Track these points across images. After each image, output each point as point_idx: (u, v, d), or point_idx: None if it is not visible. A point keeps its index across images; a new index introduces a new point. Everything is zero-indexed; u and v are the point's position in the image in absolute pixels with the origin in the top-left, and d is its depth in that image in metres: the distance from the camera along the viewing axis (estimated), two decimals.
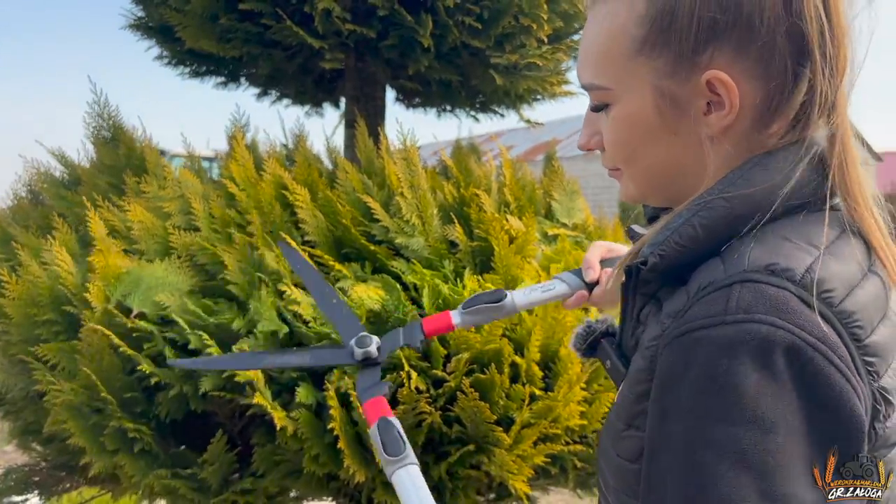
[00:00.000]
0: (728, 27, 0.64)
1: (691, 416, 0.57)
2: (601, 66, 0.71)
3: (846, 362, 0.58)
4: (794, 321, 0.57)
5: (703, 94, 0.67)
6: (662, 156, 0.72)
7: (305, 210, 1.71)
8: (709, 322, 0.58)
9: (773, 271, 0.60)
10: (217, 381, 1.50)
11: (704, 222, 0.65)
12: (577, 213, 2.15)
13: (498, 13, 2.02)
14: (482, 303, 1.03)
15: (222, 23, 1.98)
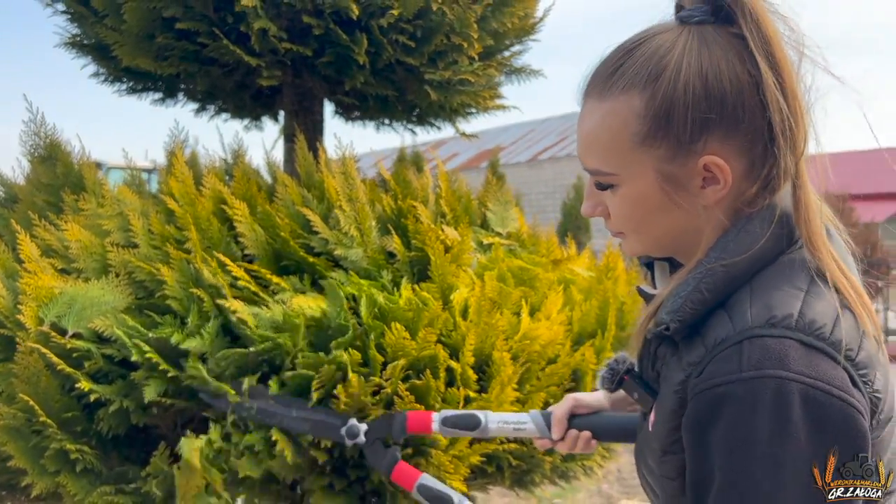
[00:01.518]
0: (718, 118, 0.80)
1: (725, 463, 0.75)
2: (606, 156, 0.85)
3: (843, 385, 0.74)
4: (797, 368, 0.73)
5: (700, 173, 0.82)
6: (665, 224, 0.88)
7: (244, 224, 1.75)
8: (727, 380, 0.75)
9: (773, 324, 0.76)
10: (160, 386, 1.53)
11: (710, 287, 0.82)
12: (512, 222, 2.24)
13: (430, 32, 2.10)
14: (458, 426, 1.25)
15: (159, 41, 2.01)
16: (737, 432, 0.73)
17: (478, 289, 1.77)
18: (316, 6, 1.96)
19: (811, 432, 0.72)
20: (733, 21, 0.81)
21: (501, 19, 2.22)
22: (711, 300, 0.81)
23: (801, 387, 0.72)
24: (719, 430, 0.74)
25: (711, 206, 0.84)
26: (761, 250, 0.81)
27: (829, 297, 0.78)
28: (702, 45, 0.81)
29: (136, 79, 2.33)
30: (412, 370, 1.59)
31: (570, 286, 2.00)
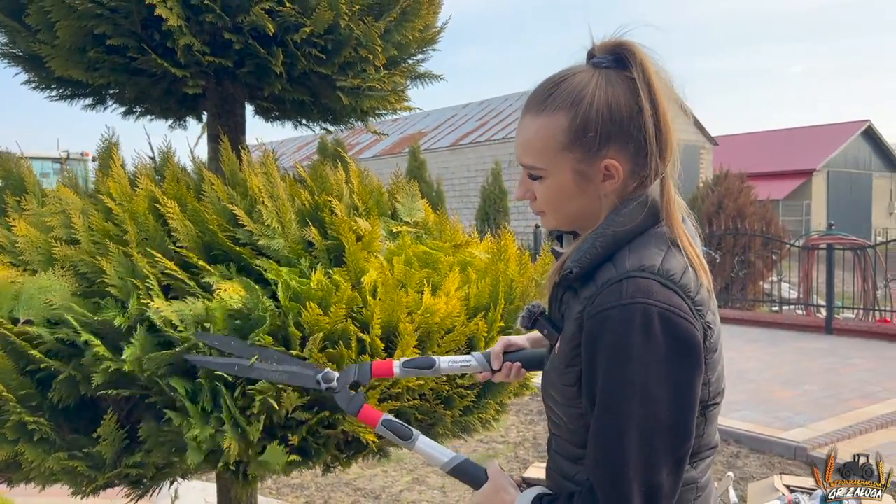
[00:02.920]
0: (616, 134, 1.19)
1: (609, 364, 1.10)
2: (539, 156, 1.22)
3: (687, 312, 1.12)
4: (658, 298, 1.11)
5: (601, 171, 1.21)
6: (575, 206, 1.25)
7: (177, 220, 1.98)
8: (611, 305, 1.11)
9: (642, 269, 1.13)
10: (105, 378, 1.75)
11: (602, 245, 1.19)
12: (418, 212, 2.53)
13: (339, 45, 2.36)
14: (417, 367, 1.55)
15: (90, 55, 2.20)
16: (617, 340, 1.10)
17: (385, 272, 2.05)
18: (235, 24, 2.20)
19: (665, 338, 1.10)
20: (627, 67, 1.19)
21: (404, 32, 2.50)
22: (602, 255, 1.18)
23: (659, 310, 1.10)
24: (605, 340, 1.11)
25: (608, 194, 1.22)
26: (636, 224, 1.19)
27: (679, 258, 1.17)
28: (608, 84, 1.19)
29: (67, 86, 2.51)
30: (328, 342, 1.87)
31: (468, 267, 2.31)
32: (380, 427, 1.40)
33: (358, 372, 1.53)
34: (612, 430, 1.11)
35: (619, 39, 1.20)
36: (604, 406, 1.12)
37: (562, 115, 1.19)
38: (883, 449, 5.62)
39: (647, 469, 1.10)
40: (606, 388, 1.11)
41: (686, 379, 1.12)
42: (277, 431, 1.86)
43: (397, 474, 5.60)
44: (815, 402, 6.82)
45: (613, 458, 1.10)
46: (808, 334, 10.35)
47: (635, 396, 1.09)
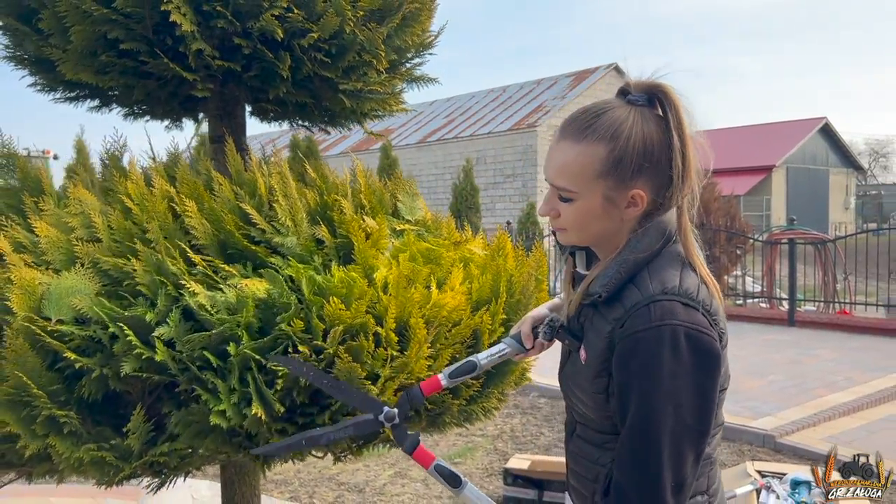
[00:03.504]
0: (647, 168, 1.32)
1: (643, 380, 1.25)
2: (573, 180, 1.34)
3: (707, 327, 1.27)
4: (682, 318, 1.26)
5: (628, 199, 1.34)
6: (598, 228, 1.38)
7: (195, 219, 2.05)
8: (642, 328, 1.26)
9: (665, 291, 1.28)
10: (135, 362, 1.82)
11: (625, 270, 1.33)
12: (418, 210, 2.63)
13: (344, 49, 2.45)
14: (462, 374, 1.66)
15: (102, 59, 2.26)
16: (649, 359, 1.25)
17: (395, 268, 2.15)
18: (245, 29, 2.27)
19: (691, 353, 1.25)
20: (659, 105, 1.34)
21: (403, 37, 2.60)
22: (625, 279, 1.33)
23: (685, 329, 1.25)
24: (637, 360, 1.26)
25: (629, 220, 1.36)
26: (652, 248, 1.34)
27: (692, 276, 1.33)
28: (643, 121, 1.33)
29: (74, 89, 2.55)
30: (347, 335, 1.96)
31: (469, 263, 2.42)
32: (431, 470, 1.51)
33: (410, 399, 1.63)
34: (646, 437, 1.25)
35: (656, 81, 1.35)
36: (639, 416, 1.26)
37: (601, 146, 1.32)
38: (846, 435, 5.88)
39: (677, 468, 1.25)
40: (641, 401, 1.25)
41: (709, 386, 1.28)
42: (298, 419, 1.94)
43: (379, 468, 5.69)
44: (781, 391, 7.07)
45: (649, 462, 1.24)
46: (772, 326, 10.67)
47: (667, 407, 1.24)
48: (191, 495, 4.69)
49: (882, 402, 6.76)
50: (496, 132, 24.40)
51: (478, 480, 5.30)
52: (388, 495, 5.12)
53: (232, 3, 2.20)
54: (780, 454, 5.67)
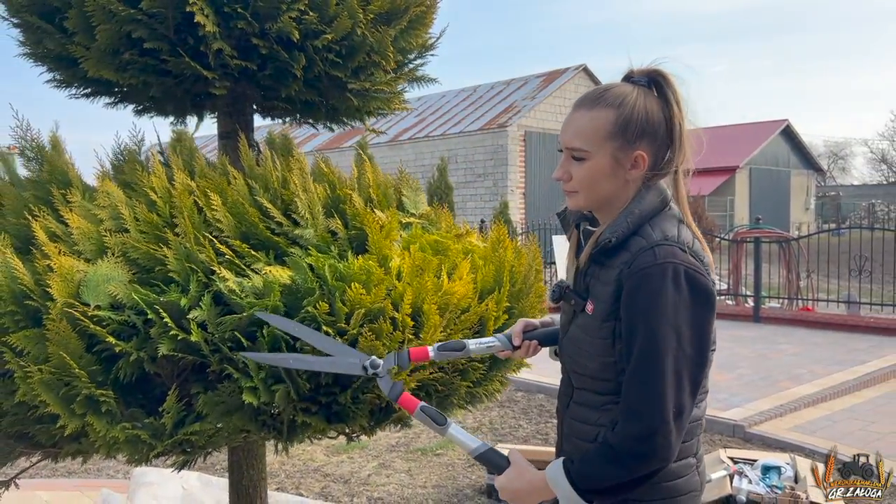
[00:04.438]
0: (648, 133, 1.53)
1: (649, 309, 1.42)
2: (587, 141, 1.54)
3: (702, 270, 1.46)
4: (681, 259, 1.44)
5: (632, 160, 1.54)
6: (605, 188, 1.57)
7: (220, 212, 2.16)
8: (648, 264, 1.44)
9: (666, 238, 1.47)
10: (171, 344, 1.93)
11: (632, 221, 1.51)
12: (422, 205, 2.77)
13: (353, 50, 2.57)
14: (449, 350, 1.79)
15: (124, 57, 2.35)
16: (655, 290, 1.42)
17: (408, 258, 2.28)
18: (263, 30, 2.38)
19: (690, 289, 1.42)
20: (658, 87, 1.55)
21: (409, 39, 2.73)
22: (631, 229, 1.51)
23: (685, 268, 1.44)
24: (644, 292, 1.44)
25: (632, 180, 1.55)
26: (654, 206, 1.53)
27: (688, 231, 1.54)
28: (645, 97, 1.55)
29: (92, 85, 2.63)
30: (367, 317, 2.08)
31: (473, 254, 2.56)
32: (418, 412, 1.63)
33: (398, 359, 1.76)
34: (652, 359, 1.41)
35: (656, 67, 1.57)
36: (646, 341, 1.42)
37: (611, 111, 1.53)
38: (811, 424, 6.15)
39: (677, 390, 1.41)
40: (648, 328, 1.41)
41: (704, 320, 1.45)
42: (322, 398, 2.06)
43: (363, 460, 5.80)
44: (749, 384, 7.34)
45: (654, 381, 1.40)
46: (738, 322, 11.00)
47: (671, 333, 1.40)
48: (181, 486, 4.75)
49: (844, 394, 7.06)
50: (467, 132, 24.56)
51: (461, 470, 5.45)
52: (373, 485, 5.24)
53: (252, 5, 2.31)
54: (750, 443, 5.91)
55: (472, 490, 5.05)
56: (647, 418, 1.40)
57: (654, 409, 1.39)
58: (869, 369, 7.77)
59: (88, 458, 2.21)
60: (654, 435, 1.39)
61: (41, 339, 1.90)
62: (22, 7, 2.38)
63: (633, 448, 1.42)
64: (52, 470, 5.51)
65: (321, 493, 5.12)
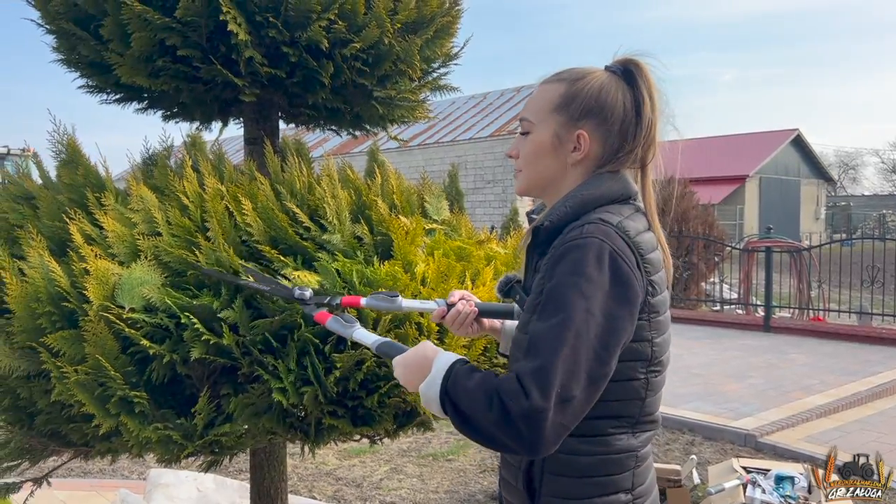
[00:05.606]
0: (595, 113, 1.44)
1: (565, 276, 1.28)
2: (534, 112, 1.47)
3: (631, 262, 1.31)
4: (610, 240, 1.30)
5: (573, 140, 1.45)
6: (545, 166, 1.48)
7: (251, 216, 2.20)
8: (574, 237, 1.31)
9: (602, 220, 1.33)
10: (203, 348, 1.97)
11: (571, 205, 1.39)
12: (444, 211, 2.80)
13: (380, 59, 2.61)
14: (380, 301, 1.75)
15: (157, 64, 2.40)
16: (577, 260, 1.28)
17: (432, 264, 2.32)
18: (293, 38, 2.43)
19: (611, 274, 1.27)
20: (629, 75, 1.47)
21: (434, 48, 2.77)
22: (571, 214, 1.38)
23: (609, 248, 1.29)
24: (567, 258, 1.29)
25: (574, 164, 1.45)
26: (604, 192, 1.40)
27: (642, 225, 1.40)
28: (609, 79, 1.47)
29: (124, 91, 2.68)
30: (394, 322, 2.12)
31: (495, 261, 2.60)
32: (329, 323, 1.64)
33: (329, 298, 1.75)
34: (554, 325, 1.24)
35: (631, 57, 1.49)
36: (553, 303, 1.26)
37: (562, 85, 1.46)
38: (823, 435, 6.14)
39: (568, 373, 1.20)
40: (559, 290, 1.27)
41: (619, 314, 1.28)
42: (348, 402, 2.10)
43: (375, 464, 5.83)
44: (760, 393, 7.34)
45: (548, 349, 1.22)
46: (748, 332, 10.99)
47: (580, 303, 1.24)
48: (196, 488, 4.79)
49: (856, 405, 7.05)
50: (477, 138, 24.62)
51: (473, 476, 5.47)
52: (385, 490, 5.26)
53: (283, 14, 2.35)
54: (761, 453, 5.91)
55: (484, 496, 5.07)
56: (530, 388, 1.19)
57: (538, 378, 1.20)
58: (881, 380, 7.76)
59: (117, 458, 2.24)
60: (527, 412, 1.18)
61: (77, 340, 1.94)
62: (58, 14, 2.43)
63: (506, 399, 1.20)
64: (67, 470, 5.55)
65: (334, 497, 5.15)
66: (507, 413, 1.18)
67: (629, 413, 1.39)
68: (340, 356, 1.98)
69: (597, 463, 1.38)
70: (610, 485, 1.38)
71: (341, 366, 1.97)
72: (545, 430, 1.18)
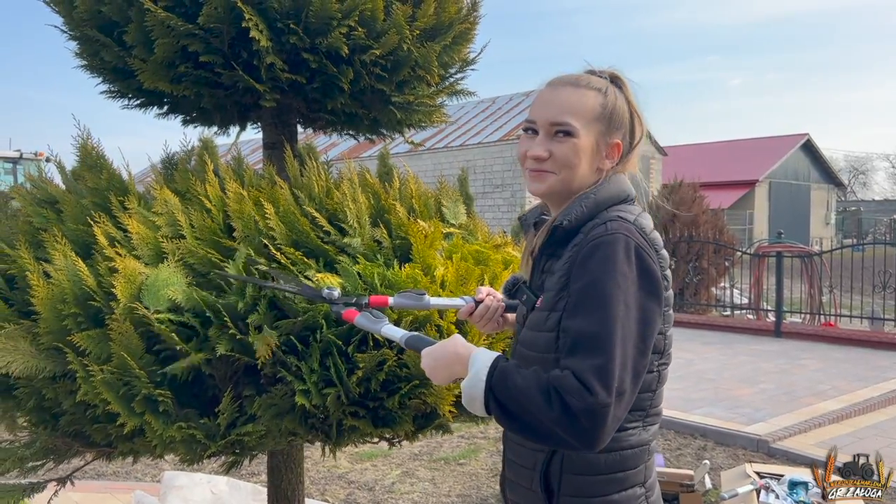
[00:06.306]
0: (623, 124, 1.52)
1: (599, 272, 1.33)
2: (578, 118, 1.48)
3: (652, 255, 1.38)
4: (633, 236, 1.36)
5: (609, 148, 1.51)
6: (581, 171, 1.51)
7: (274, 220, 2.23)
8: (600, 234, 1.37)
9: (622, 218, 1.41)
10: (228, 345, 1.99)
11: (587, 205, 1.45)
12: (461, 215, 2.82)
13: (399, 64, 2.64)
14: (408, 299, 1.80)
15: (179, 70, 2.43)
16: (606, 258, 1.33)
17: (451, 267, 2.34)
18: (313, 44, 2.45)
19: (638, 268, 1.33)
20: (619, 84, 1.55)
21: (451, 54, 2.80)
22: (587, 214, 1.44)
23: (635, 243, 1.35)
24: (595, 259, 1.34)
25: (603, 170, 1.51)
26: (613, 195, 1.48)
27: (649, 222, 1.47)
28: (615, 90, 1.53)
29: (145, 96, 2.72)
30: (415, 324, 2.14)
31: (512, 265, 2.61)
32: (357, 320, 1.67)
33: (357, 298, 1.79)
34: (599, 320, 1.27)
35: (614, 70, 1.57)
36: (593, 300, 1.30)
37: (599, 96, 1.50)
38: (836, 441, 6.12)
39: (622, 366, 1.25)
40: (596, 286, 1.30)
41: (650, 307, 1.34)
42: (370, 403, 2.12)
43: (387, 468, 5.85)
44: (771, 399, 7.32)
45: (602, 345, 1.25)
46: (759, 337, 10.95)
47: (620, 296, 1.29)
48: (210, 490, 4.82)
49: (869, 411, 7.02)
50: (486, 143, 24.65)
51: (485, 480, 5.48)
52: (397, 493, 5.28)
53: (304, 21, 2.38)
54: (774, 458, 5.89)
55: (496, 500, 5.08)
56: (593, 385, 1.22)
57: (603, 375, 1.23)
58: (894, 386, 7.73)
59: (139, 459, 2.27)
60: (593, 408, 1.21)
61: (103, 339, 1.97)
62: (83, 21, 2.47)
63: (567, 397, 1.22)
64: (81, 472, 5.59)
65: (346, 500, 5.17)
66: (569, 409, 1.22)
67: (641, 406, 1.44)
68: (363, 356, 2.00)
69: (615, 459, 1.42)
70: (627, 480, 1.42)
71: (364, 366, 2.00)
72: (607, 425, 1.23)
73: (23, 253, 2.20)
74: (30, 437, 2.36)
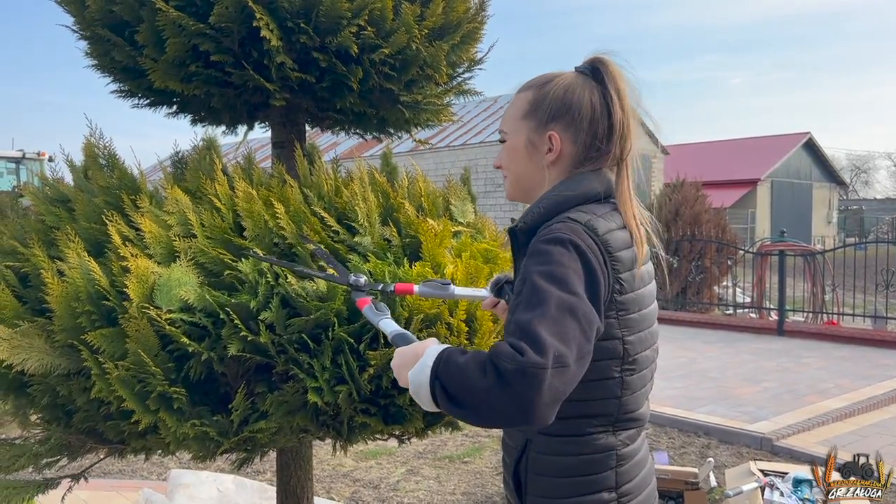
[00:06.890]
0: (563, 115, 1.48)
1: (538, 267, 1.29)
2: (507, 122, 1.54)
3: (598, 256, 1.33)
4: (577, 236, 1.32)
5: (546, 143, 1.50)
6: (523, 170, 1.54)
7: (284, 220, 2.24)
8: (546, 234, 1.34)
9: (570, 219, 1.36)
10: (240, 345, 2.01)
11: (545, 206, 1.43)
12: (469, 214, 2.84)
13: (407, 64, 2.65)
14: (433, 288, 1.82)
15: (190, 69, 2.44)
16: (545, 253, 1.30)
17: (460, 265, 2.35)
18: (323, 44, 2.47)
19: (580, 262, 1.29)
20: (596, 73, 1.50)
21: (459, 54, 2.81)
22: (545, 215, 1.42)
23: (577, 243, 1.31)
24: (537, 256, 1.31)
25: (550, 166, 1.49)
26: (580, 193, 1.43)
27: (614, 223, 1.41)
28: (576, 80, 1.51)
29: (155, 95, 2.73)
30: (426, 322, 2.16)
31: None
32: (364, 310, 1.68)
33: (382, 286, 1.82)
34: (535, 306, 1.24)
35: (598, 55, 1.52)
36: (532, 293, 1.27)
37: (530, 92, 1.53)
38: (840, 439, 6.13)
39: (558, 335, 1.19)
40: (535, 281, 1.28)
41: (587, 305, 1.27)
42: (381, 400, 2.14)
43: (391, 466, 5.86)
44: (775, 397, 7.33)
45: (534, 319, 1.21)
46: (762, 336, 10.96)
47: (556, 287, 1.25)
48: (216, 488, 4.84)
49: (872, 409, 7.03)
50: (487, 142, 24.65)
51: (489, 478, 5.50)
52: (402, 491, 5.29)
53: (314, 20, 2.39)
54: (777, 457, 5.90)
55: (501, 498, 5.10)
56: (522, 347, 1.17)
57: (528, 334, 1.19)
58: None
59: (150, 456, 2.29)
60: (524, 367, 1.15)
61: (118, 338, 1.99)
62: (94, 20, 2.48)
63: (500, 362, 1.16)
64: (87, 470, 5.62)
65: (352, 498, 5.19)
66: (501, 375, 1.15)
67: (607, 412, 1.41)
68: (374, 354, 2.02)
69: (577, 462, 1.41)
70: (591, 484, 1.40)
71: (375, 363, 2.01)
72: (542, 391, 1.14)
73: (36, 251, 2.22)
74: (43, 433, 2.38)
